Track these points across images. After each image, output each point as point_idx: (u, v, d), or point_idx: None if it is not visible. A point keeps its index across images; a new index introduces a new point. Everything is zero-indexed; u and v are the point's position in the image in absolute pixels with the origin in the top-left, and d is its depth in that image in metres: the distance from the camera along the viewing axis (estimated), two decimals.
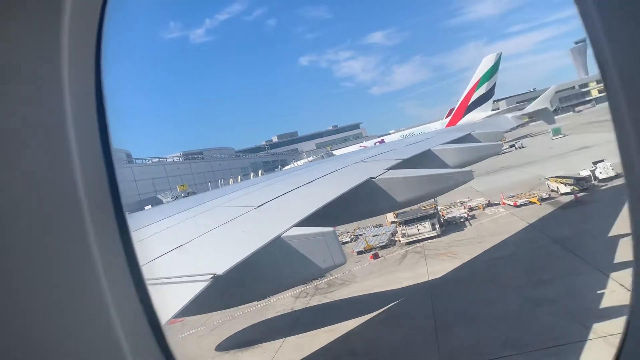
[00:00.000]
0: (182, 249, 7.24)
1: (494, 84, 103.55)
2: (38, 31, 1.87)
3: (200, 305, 6.23)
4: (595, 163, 31.43)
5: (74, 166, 1.99)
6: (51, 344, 2.01)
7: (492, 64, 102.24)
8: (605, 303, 14.21)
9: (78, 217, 2.01)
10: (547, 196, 30.35)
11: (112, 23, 2.15)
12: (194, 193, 70.61)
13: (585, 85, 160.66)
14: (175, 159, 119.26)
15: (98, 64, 2.17)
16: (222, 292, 6.79)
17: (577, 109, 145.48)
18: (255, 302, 22.37)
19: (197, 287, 5.45)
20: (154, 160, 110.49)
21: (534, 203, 29.80)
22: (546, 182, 32.77)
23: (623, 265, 16.13)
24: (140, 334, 2.36)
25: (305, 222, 8.40)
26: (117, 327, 2.11)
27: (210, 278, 5.67)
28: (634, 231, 2.01)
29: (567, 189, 29.79)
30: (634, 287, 2.10)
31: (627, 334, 2.16)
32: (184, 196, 63.62)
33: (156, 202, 74.22)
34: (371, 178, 12.51)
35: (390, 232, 30.98)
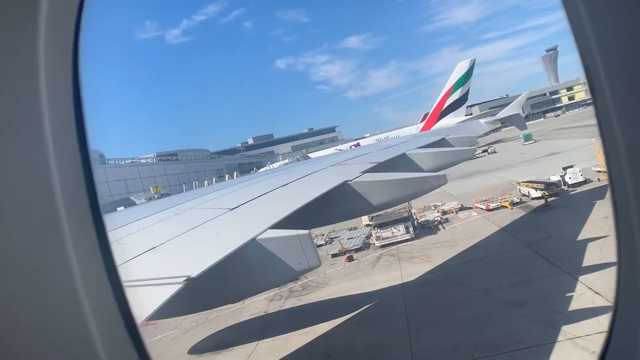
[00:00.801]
0: (155, 250, 7.15)
1: (468, 90, 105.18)
2: (15, 29, 1.85)
3: (173, 307, 6.16)
4: (565, 168, 32.20)
5: (51, 166, 1.97)
6: (27, 345, 1.98)
7: (466, 70, 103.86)
8: (574, 306, 14.55)
9: (54, 218, 1.99)
10: (518, 200, 30.94)
11: (88, 21, 2.13)
12: (167, 195, 69.77)
13: (556, 92, 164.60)
14: (149, 160, 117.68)
15: (75, 63, 2.15)
16: (196, 294, 6.72)
17: (547, 115, 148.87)
18: (229, 305, 22.21)
19: (171, 290, 5.39)
20: (127, 161, 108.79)
21: (506, 207, 30.36)
22: (517, 187, 33.43)
23: (591, 269, 16.55)
24: (116, 336, 2.34)
25: (281, 224, 8.39)
26: (93, 328, 2.09)
27: (184, 280, 5.62)
28: (618, 234, 2.07)
29: (538, 194, 30.43)
30: (617, 287, 2.16)
31: (612, 333, 2.22)
32: (157, 198, 62.82)
33: (129, 203, 73.10)
34: (347, 181, 12.56)
35: (365, 235, 31.14)
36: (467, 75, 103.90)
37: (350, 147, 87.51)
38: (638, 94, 1.76)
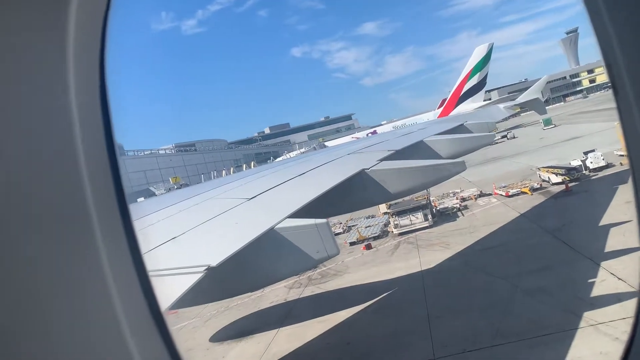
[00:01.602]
0: (176, 240, 7.24)
1: (486, 74, 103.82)
2: (44, 25, 1.88)
3: (194, 296, 6.25)
4: (586, 153, 31.65)
5: (79, 160, 2.01)
6: (57, 334, 2.03)
7: (484, 54, 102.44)
8: (596, 292, 14.38)
9: (83, 212, 2.03)
10: (538, 186, 30.55)
11: (115, 16, 2.17)
12: (186, 185, 70.47)
13: (576, 75, 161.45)
14: (167, 151, 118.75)
15: (102, 58, 2.19)
16: (216, 283, 6.81)
17: (567, 99, 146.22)
18: (250, 293, 22.45)
19: (192, 279, 5.47)
20: (146, 152, 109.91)
21: (526, 193, 30.01)
22: (537, 172, 32.98)
23: (614, 254, 16.31)
24: (143, 324, 2.39)
25: (299, 213, 8.43)
26: (121, 316, 2.14)
27: (205, 270, 5.70)
28: None
29: (559, 179, 30.00)
30: None
31: (636, 332, 2.18)
32: (176, 188, 63.45)
33: (148, 194, 73.97)
34: (364, 169, 12.54)
35: (383, 223, 31.09)
36: (485, 60, 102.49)
37: (367, 135, 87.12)
38: None
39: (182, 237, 7.47)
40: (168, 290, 5.34)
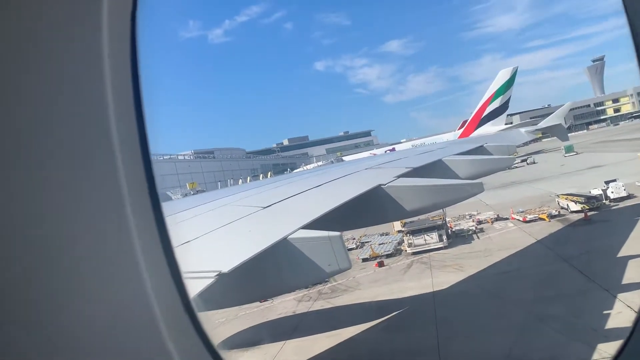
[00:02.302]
0: (189, 245, 7.26)
1: (509, 98, 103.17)
2: (77, 27, 1.95)
3: (204, 302, 6.24)
4: (607, 182, 31.14)
5: (117, 163, 2.07)
6: (98, 330, 2.11)
7: (507, 78, 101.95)
8: (611, 324, 14.04)
9: (121, 210, 2.09)
10: (556, 213, 30.10)
11: (142, 23, 2.22)
12: (203, 191, 70.90)
13: (601, 103, 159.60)
14: (186, 157, 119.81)
15: (135, 61, 2.24)
16: (227, 290, 6.80)
17: (590, 127, 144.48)
18: (258, 303, 22.39)
19: (202, 284, 5.47)
20: (165, 157, 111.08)
21: (543, 219, 29.58)
22: (556, 199, 32.50)
23: (631, 287, 15.96)
24: (178, 319, 2.46)
25: (313, 225, 8.39)
26: (157, 313, 2.19)
27: (216, 275, 5.69)
28: None
29: (578, 207, 29.52)
30: None
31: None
32: (193, 194, 63.90)
33: (165, 198, 74.60)
34: (380, 185, 12.47)
35: (397, 241, 30.87)
36: (508, 84, 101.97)
37: (386, 151, 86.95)
38: None
39: (195, 241, 7.49)
40: None
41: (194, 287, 5.41)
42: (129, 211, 2.10)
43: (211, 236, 7.89)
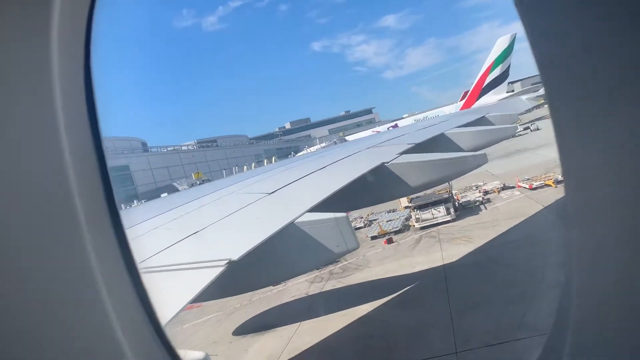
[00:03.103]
0: (197, 235, 7.36)
1: (509, 66, 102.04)
2: (27, 24, 1.85)
3: (216, 290, 6.35)
4: None
5: (66, 163, 1.99)
6: (50, 345, 2.03)
7: (506, 46, 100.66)
8: None
9: (71, 215, 2.02)
10: (562, 178, 29.96)
11: (125, 10, 2.14)
12: (208, 180, 71.14)
13: None
14: (189, 147, 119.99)
15: (88, 57, 2.17)
16: (238, 277, 6.91)
17: None
18: (271, 287, 22.65)
19: (213, 273, 5.57)
20: (169, 149, 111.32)
21: (550, 185, 29.54)
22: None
23: None
24: (140, 332, 2.40)
25: (318, 207, 8.47)
26: (116, 325, 2.13)
27: (226, 263, 5.79)
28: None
29: None
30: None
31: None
32: (199, 184, 64.14)
33: (172, 189, 75.00)
34: (383, 163, 12.50)
35: (404, 217, 30.98)
36: (507, 51, 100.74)
37: (388, 128, 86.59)
38: None
39: (204, 231, 7.59)
40: (191, 283, 5.45)
41: (206, 276, 5.52)
42: (80, 215, 2.02)
43: (219, 225, 7.99)
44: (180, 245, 6.94)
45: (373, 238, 28.86)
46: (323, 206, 8.59)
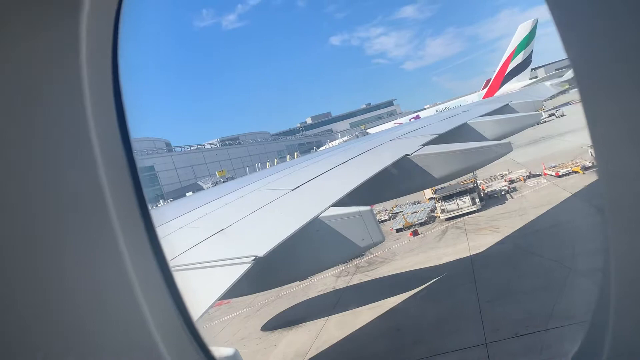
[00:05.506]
0: (223, 232, 7.44)
1: (531, 52, 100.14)
2: (57, 21, 1.86)
3: (244, 286, 6.42)
4: None
5: (97, 163, 2.02)
6: (87, 344, 2.07)
7: (528, 31, 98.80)
8: None
9: (104, 215, 2.04)
10: (590, 164, 29.40)
11: (148, 15, 2.17)
12: (232, 178, 71.78)
13: None
14: (212, 146, 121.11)
15: (115, 59, 2.20)
16: (265, 273, 6.97)
17: None
18: (298, 282, 22.76)
19: (240, 269, 5.63)
20: (192, 148, 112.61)
21: (577, 172, 28.96)
22: (589, 150, 31.67)
23: None
24: (173, 329, 2.43)
25: (342, 202, 8.48)
26: (150, 322, 2.16)
27: (252, 260, 5.84)
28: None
29: None
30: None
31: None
32: (223, 182, 64.73)
33: (197, 188, 75.94)
34: (406, 155, 12.44)
35: (429, 209, 30.76)
36: (529, 37, 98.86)
37: (410, 120, 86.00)
38: None
39: (230, 228, 7.66)
40: (219, 280, 5.52)
41: (233, 273, 5.58)
42: (113, 215, 2.05)
43: (245, 222, 8.06)
44: (207, 243, 7.02)
45: (398, 230, 28.73)
46: (347, 200, 8.59)
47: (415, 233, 27.32)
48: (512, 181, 32.15)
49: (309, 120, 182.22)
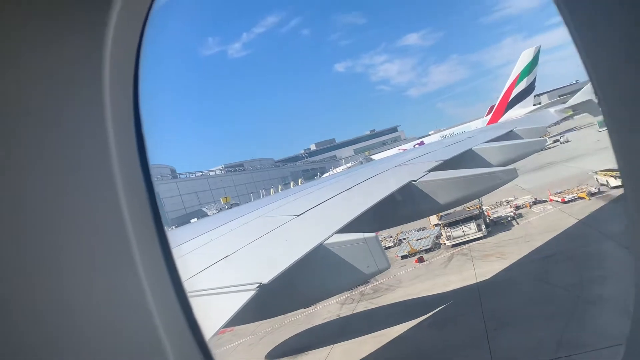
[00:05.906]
0: (228, 259, 7.40)
1: (535, 78, 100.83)
2: (83, 41, 1.92)
3: (248, 314, 6.35)
4: None
5: (117, 183, 2.05)
6: (97, 352, 2.08)
7: (531, 58, 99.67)
8: None
9: (122, 233, 2.07)
10: (596, 190, 29.24)
11: (153, 42, 2.23)
12: (236, 204, 71.79)
13: None
14: (217, 172, 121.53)
15: (136, 82, 2.24)
16: (269, 300, 6.90)
17: None
18: (302, 310, 22.50)
19: (245, 297, 5.57)
20: (197, 175, 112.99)
21: (583, 198, 28.79)
22: (595, 176, 31.58)
23: None
24: (186, 347, 2.44)
25: (347, 228, 8.43)
26: (164, 341, 2.17)
27: (257, 287, 5.79)
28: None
29: (618, 182, 28.57)
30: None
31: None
32: (227, 208, 64.75)
33: (201, 214, 75.90)
34: (411, 181, 12.43)
35: (435, 235, 30.56)
36: (532, 64, 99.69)
37: (414, 146, 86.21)
38: None
39: (234, 255, 7.63)
40: (223, 308, 5.46)
41: (237, 300, 5.52)
42: (131, 237, 2.08)
43: (248, 249, 8.02)
44: (211, 270, 6.98)
45: (403, 257, 28.50)
46: (352, 227, 8.55)
47: (420, 260, 27.09)
48: (517, 207, 31.97)
49: (313, 147, 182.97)
